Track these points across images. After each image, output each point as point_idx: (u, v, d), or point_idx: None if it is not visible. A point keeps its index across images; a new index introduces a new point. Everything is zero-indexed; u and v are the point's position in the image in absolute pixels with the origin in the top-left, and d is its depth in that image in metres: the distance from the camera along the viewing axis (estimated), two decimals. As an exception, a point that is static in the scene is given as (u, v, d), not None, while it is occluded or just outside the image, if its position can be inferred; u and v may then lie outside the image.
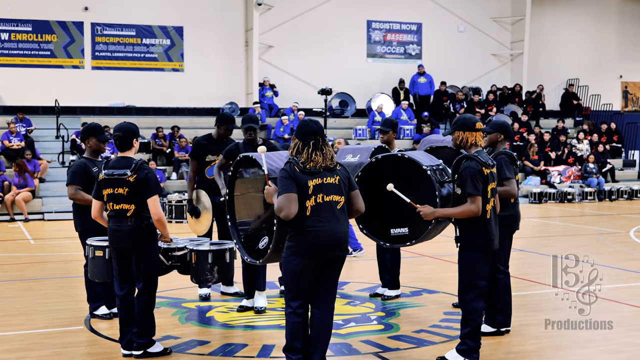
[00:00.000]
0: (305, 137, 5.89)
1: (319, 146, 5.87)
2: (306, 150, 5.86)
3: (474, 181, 6.22)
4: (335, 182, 5.89)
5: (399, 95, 27.50)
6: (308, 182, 5.79)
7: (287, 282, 5.94)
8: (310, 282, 5.90)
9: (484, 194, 6.29)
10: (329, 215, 5.83)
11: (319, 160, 5.84)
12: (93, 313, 8.22)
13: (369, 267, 10.86)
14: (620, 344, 7.21)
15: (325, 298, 5.96)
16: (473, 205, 6.23)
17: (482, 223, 6.32)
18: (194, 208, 9.06)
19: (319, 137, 5.90)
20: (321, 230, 5.79)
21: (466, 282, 6.41)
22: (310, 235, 5.79)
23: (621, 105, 32.16)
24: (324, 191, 5.82)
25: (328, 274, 5.95)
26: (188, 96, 25.98)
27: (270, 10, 26.97)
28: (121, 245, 6.72)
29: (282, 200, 5.72)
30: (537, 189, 23.90)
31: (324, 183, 5.83)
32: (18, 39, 24.56)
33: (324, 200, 5.82)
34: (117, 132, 6.78)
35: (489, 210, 6.35)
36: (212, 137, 9.18)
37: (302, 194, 5.78)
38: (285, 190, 5.73)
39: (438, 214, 6.44)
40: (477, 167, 6.26)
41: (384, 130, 8.91)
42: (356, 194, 6.02)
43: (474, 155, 6.32)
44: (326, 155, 5.88)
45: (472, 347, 6.40)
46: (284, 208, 5.70)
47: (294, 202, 5.72)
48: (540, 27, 30.60)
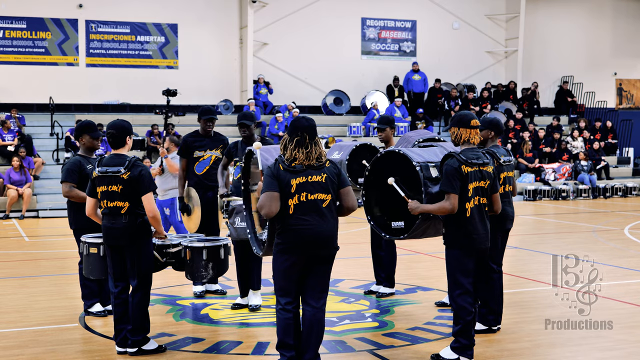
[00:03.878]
0: (292, 134, 5.87)
1: (303, 143, 5.83)
2: (290, 148, 5.85)
3: (449, 179, 6.25)
4: (321, 180, 5.83)
5: (393, 93, 27.51)
6: (291, 181, 5.77)
7: (275, 278, 5.96)
8: (298, 278, 5.90)
9: (463, 192, 6.29)
10: (313, 214, 5.80)
11: (302, 157, 5.80)
12: (87, 310, 8.20)
13: (364, 265, 10.86)
14: (615, 342, 7.22)
15: (314, 294, 5.94)
16: (447, 203, 6.25)
17: (462, 221, 6.33)
18: (186, 205, 9.07)
19: (305, 134, 5.84)
20: (305, 228, 5.78)
21: (452, 280, 6.45)
22: (294, 233, 5.79)
23: (615, 102, 32.20)
24: (308, 189, 5.79)
25: (316, 270, 5.93)
26: (182, 93, 25.89)
27: (265, 8, 26.97)
28: (115, 242, 6.71)
29: (263, 198, 5.74)
30: (532, 186, 23.94)
31: (308, 181, 5.80)
32: (12, 36, 24.51)
33: (307, 198, 5.79)
34: (110, 130, 6.76)
35: (470, 209, 6.34)
36: (198, 133, 9.23)
37: (285, 193, 5.77)
38: (267, 189, 5.75)
39: (420, 210, 6.46)
40: (454, 164, 6.27)
41: (381, 127, 8.88)
42: (346, 192, 5.95)
43: (455, 153, 6.33)
44: (310, 153, 5.83)
45: (465, 344, 6.40)
46: (264, 206, 5.72)
47: (274, 200, 5.72)
48: (535, 25, 30.63)
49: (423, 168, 6.75)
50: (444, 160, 6.40)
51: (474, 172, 6.35)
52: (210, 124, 9.08)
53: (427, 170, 6.77)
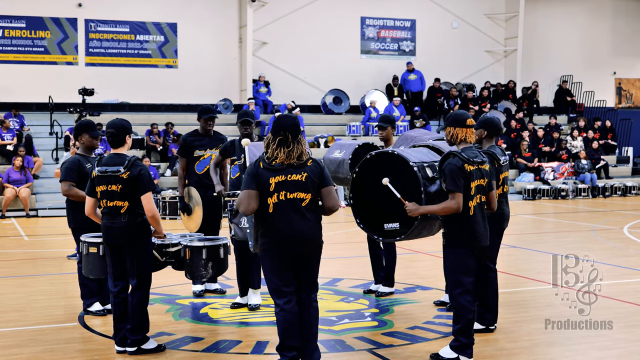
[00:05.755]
0: (275, 132, 5.84)
1: (286, 142, 5.80)
2: (272, 146, 5.83)
3: (453, 177, 6.24)
4: (301, 179, 5.80)
5: (392, 92, 27.52)
6: (270, 180, 5.76)
7: (266, 279, 5.96)
8: (288, 276, 5.89)
9: (466, 190, 6.30)
10: (293, 213, 5.79)
11: (282, 156, 5.79)
12: (87, 309, 8.20)
13: (363, 264, 10.86)
14: (615, 341, 7.21)
15: (305, 289, 5.97)
16: (453, 202, 6.25)
17: (465, 219, 6.33)
18: (186, 205, 9.05)
19: (287, 133, 5.81)
20: (284, 227, 5.78)
21: (452, 278, 6.44)
22: (274, 232, 5.80)
23: (615, 101, 32.21)
24: (287, 188, 5.77)
25: (302, 269, 5.94)
26: (182, 93, 25.97)
27: (264, 7, 26.97)
28: (115, 242, 6.71)
29: (241, 195, 5.77)
30: (531, 186, 23.94)
31: (288, 180, 5.77)
32: (12, 35, 24.51)
33: (286, 197, 5.78)
34: (109, 129, 6.76)
35: (472, 207, 6.35)
36: (197, 133, 9.21)
37: (264, 191, 5.77)
38: (246, 187, 5.77)
39: (421, 211, 6.45)
40: (458, 163, 6.27)
41: (382, 126, 8.86)
42: (328, 191, 5.90)
43: (456, 152, 6.33)
44: (292, 152, 5.80)
45: (465, 343, 6.40)
46: (242, 204, 5.76)
47: (252, 198, 5.74)
48: (534, 24, 30.64)
49: (420, 168, 6.74)
50: (444, 160, 6.39)
51: (475, 170, 6.37)
52: (210, 123, 9.07)
53: (423, 170, 6.77)
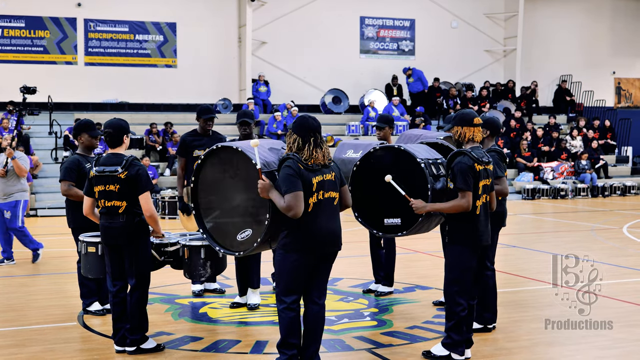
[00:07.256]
0: (306, 134, 5.88)
1: (318, 143, 5.90)
2: (307, 147, 5.86)
3: (464, 176, 6.23)
4: (332, 178, 5.95)
5: (391, 92, 27.52)
6: (312, 180, 5.81)
7: (283, 278, 5.92)
8: (304, 277, 5.91)
9: (474, 189, 6.29)
10: (327, 212, 5.89)
11: (320, 157, 5.87)
12: (86, 309, 8.20)
13: (363, 264, 10.86)
14: (614, 340, 7.21)
15: (318, 292, 6.00)
16: (463, 200, 6.24)
17: (471, 218, 6.33)
18: (185, 205, 9.03)
19: (317, 134, 5.92)
20: (321, 226, 5.84)
21: (452, 276, 6.43)
22: (310, 231, 5.81)
23: (614, 101, 32.21)
24: (324, 188, 5.88)
25: (321, 268, 5.99)
26: (181, 92, 25.97)
27: (264, 7, 26.97)
28: (113, 242, 6.70)
29: (291, 199, 5.68)
30: (530, 185, 23.93)
31: (325, 180, 5.88)
32: (11, 35, 24.50)
33: (324, 196, 5.87)
34: (107, 129, 6.74)
35: (479, 207, 6.35)
36: (196, 132, 9.17)
37: (307, 192, 5.79)
38: (293, 188, 5.70)
39: (429, 209, 6.47)
40: (468, 162, 6.26)
41: (380, 126, 8.85)
42: (345, 190, 6.12)
43: (466, 151, 6.32)
44: (325, 153, 5.92)
45: (457, 340, 6.39)
46: (294, 207, 5.68)
47: (302, 200, 5.72)
48: (533, 23, 30.64)
49: (427, 165, 6.75)
50: (453, 158, 6.37)
51: (483, 170, 6.37)
52: (210, 122, 9.04)
53: (429, 167, 6.78)
